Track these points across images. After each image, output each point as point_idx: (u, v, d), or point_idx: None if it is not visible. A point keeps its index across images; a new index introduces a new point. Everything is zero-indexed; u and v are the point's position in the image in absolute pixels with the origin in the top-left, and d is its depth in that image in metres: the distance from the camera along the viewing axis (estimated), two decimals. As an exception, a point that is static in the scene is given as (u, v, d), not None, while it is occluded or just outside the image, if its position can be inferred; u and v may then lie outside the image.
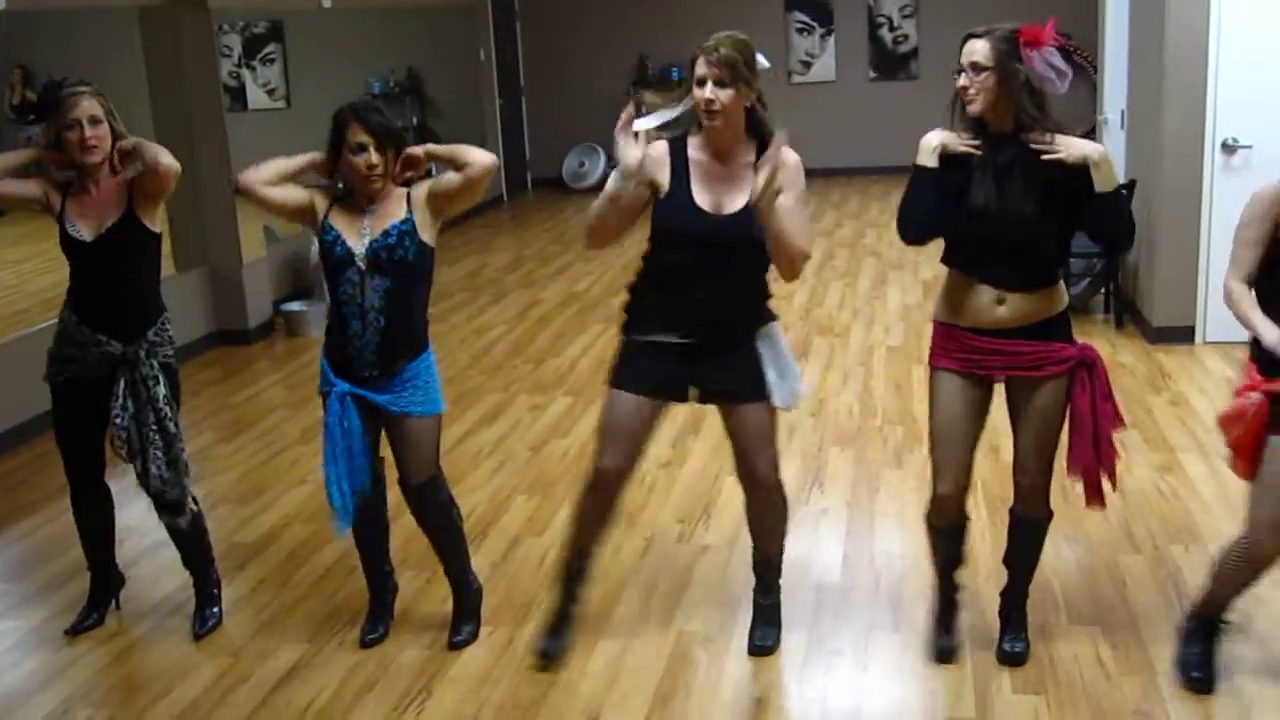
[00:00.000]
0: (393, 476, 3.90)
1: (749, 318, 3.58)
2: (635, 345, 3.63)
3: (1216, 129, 6.37)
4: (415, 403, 3.76)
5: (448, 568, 4.02)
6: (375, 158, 3.61)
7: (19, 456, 5.92)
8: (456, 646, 3.92)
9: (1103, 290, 7.52)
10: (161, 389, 3.92)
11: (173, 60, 7.65)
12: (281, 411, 6.56)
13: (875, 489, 5.07)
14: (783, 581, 3.95)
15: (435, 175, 3.80)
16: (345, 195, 3.75)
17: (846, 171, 13.67)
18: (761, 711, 3.56)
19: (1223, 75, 6.30)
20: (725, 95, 3.37)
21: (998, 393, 3.57)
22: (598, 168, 13.84)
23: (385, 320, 3.67)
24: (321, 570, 4.40)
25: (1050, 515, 3.66)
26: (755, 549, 3.90)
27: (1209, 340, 6.70)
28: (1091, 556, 4.32)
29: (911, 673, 3.67)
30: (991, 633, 3.78)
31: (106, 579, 4.23)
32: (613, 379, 3.65)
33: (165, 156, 3.85)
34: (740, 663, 3.77)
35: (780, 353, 3.62)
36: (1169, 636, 3.69)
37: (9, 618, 4.33)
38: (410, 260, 3.68)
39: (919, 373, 4.26)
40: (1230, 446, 3.41)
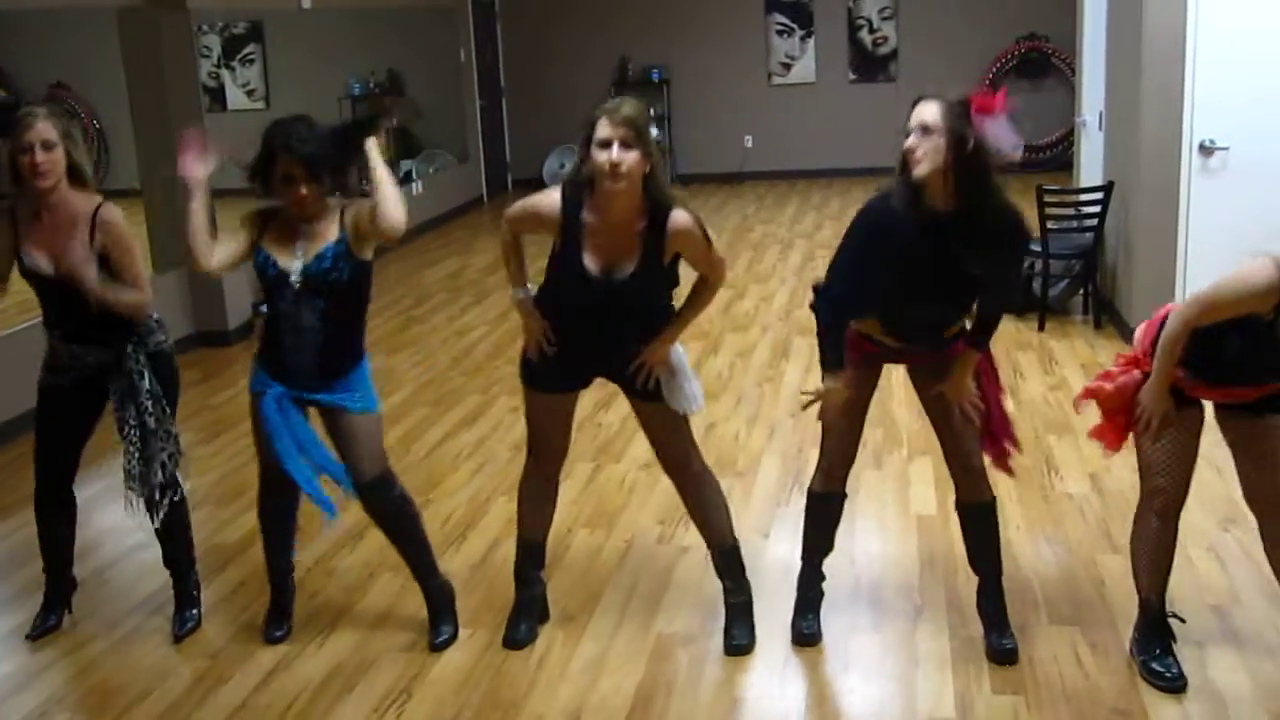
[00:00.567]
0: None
1: (648, 337, 3.64)
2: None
3: (1194, 131, 6.39)
4: (352, 400, 3.77)
5: (413, 569, 4.01)
6: (304, 189, 3.55)
7: (-6, 460, 5.88)
8: (439, 648, 3.91)
9: (1081, 291, 7.56)
10: (146, 384, 3.88)
11: (151, 60, 7.61)
12: (261, 413, 6.50)
13: (854, 490, 5.03)
14: (762, 583, 3.96)
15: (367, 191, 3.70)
16: (275, 212, 3.69)
17: (827, 173, 13.72)
18: (742, 712, 3.56)
19: (1200, 77, 6.33)
20: (631, 158, 3.35)
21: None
22: (578, 169, 13.82)
23: (324, 338, 3.69)
24: (300, 572, 4.37)
25: (994, 497, 3.74)
26: (709, 549, 3.92)
27: (1187, 341, 6.71)
28: (1070, 556, 4.34)
29: (892, 673, 3.68)
30: (969, 631, 3.80)
31: (61, 581, 4.21)
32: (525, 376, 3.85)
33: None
34: (720, 663, 3.77)
35: (684, 369, 3.70)
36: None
37: (-15, 621, 4.30)
38: (345, 280, 3.66)
39: (899, 374, 4.26)
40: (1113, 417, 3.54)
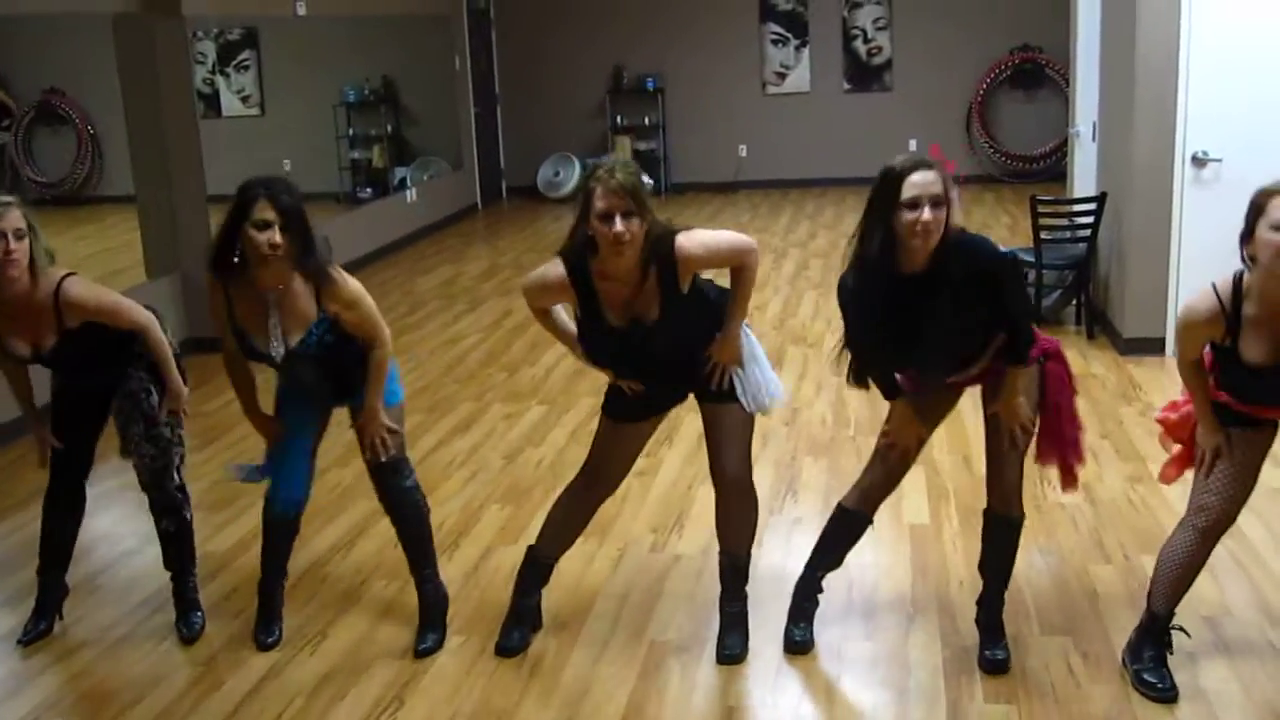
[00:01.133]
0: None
1: (711, 340, 3.68)
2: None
3: (1187, 142, 6.42)
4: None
5: (411, 564, 4.03)
6: (279, 237, 3.55)
7: (-11, 464, 5.87)
8: (421, 655, 3.90)
9: (1074, 302, 7.57)
10: (154, 398, 3.98)
11: (146, 67, 7.62)
12: (254, 420, 6.49)
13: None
14: (756, 591, 3.96)
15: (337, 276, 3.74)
16: (236, 275, 3.69)
17: (821, 182, 13.73)
18: (734, 721, 3.57)
19: (1193, 88, 6.35)
20: (634, 226, 3.37)
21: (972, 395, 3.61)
22: (572, 177, 13.84)
23: (335, 373, 3.86)
24: (293, 578, 4.37)
25: (1023, 516, 3.71)
26: (722, 553, 3.92)
27: (1179, 352, 6.74)
28: (1062, 566, 4.35)
29: (884, 682, 3.68)
30: (962, 641, 3.80)
31: (55, 586, 4.20)
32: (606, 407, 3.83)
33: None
34: (713, 672, 3.77)
35: (756, 356, 3.77)
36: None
37: (-24, 627, 4.29)
38: (339, 336, 3.78)
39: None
40: (1180, 448, 3.64)
